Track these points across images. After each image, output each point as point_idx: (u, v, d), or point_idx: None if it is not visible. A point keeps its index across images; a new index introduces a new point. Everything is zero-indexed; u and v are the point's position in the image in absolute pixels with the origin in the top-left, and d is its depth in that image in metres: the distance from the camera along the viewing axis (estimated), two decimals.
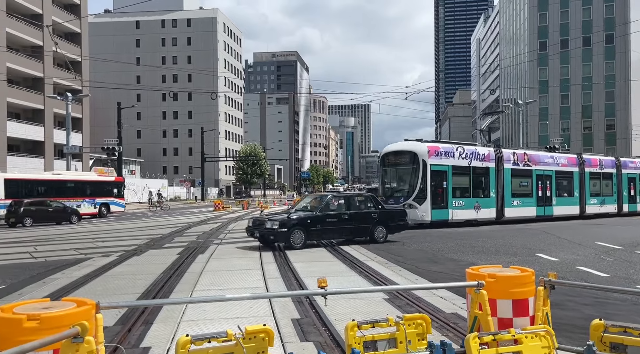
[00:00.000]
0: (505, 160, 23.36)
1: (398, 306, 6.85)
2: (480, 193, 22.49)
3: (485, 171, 22.57)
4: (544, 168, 25.11)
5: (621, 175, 28.88)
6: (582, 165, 26.93)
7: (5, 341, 2.85)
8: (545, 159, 25.48)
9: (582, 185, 26.68)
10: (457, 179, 21.57)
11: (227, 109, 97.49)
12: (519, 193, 23.92)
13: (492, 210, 22.66)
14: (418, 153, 20.69)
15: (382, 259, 11.73)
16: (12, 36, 43.24)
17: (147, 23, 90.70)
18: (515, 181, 23.83)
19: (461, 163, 21.60)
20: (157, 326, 6.00)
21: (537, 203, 24.58)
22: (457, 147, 21.96)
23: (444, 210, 20.93)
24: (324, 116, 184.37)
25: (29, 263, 11.66)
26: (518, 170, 23.95)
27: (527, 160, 24.37)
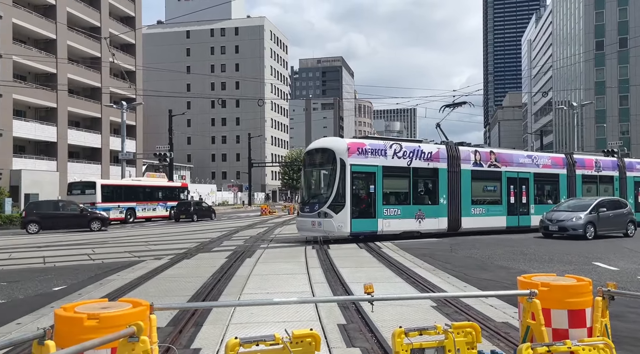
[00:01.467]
0: (463, 159, 19.69)
1: (446, 314, 6.72)
2: (426, 200, 18.78)
3: (432, 173, 18.82)
4: (518, 169, 21.41)
5: (625, 179, 25.00)
6: (572, 166, 23.33)
7: (68, 338, 3.00)
8: (521, 159, 21.81)
9: (572, 190, 23.09)
10: (390, 182, 18.00)
11: (274, 115, 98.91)
12: (482, 200, 20.35)
13: (443, 219, 18.87)
14: (335, 151, 16.93)
15: (429, 265, 11.54)
16: (73, 48, 45.65)
17: (197, 32, 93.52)
18: (478, 185, 20.22)
19: (397, 163, 17.83)
20: (206, 328, 6.15)
21: (507, 212, 20.81)
22: (392, 143, 18.17)
23: (370, 219, 17.09)
24: (369, 121, 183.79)
25: (87, 265, 12.22)
26: (481, 172, 20.18)
27: (494, 160, 20.62)
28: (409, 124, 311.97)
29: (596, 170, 24.17)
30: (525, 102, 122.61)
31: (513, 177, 21.20)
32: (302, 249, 14.82)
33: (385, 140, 18.42)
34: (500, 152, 21.56)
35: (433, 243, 17.06)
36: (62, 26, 43.33)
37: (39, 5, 42.72)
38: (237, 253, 13.98)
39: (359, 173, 17.09)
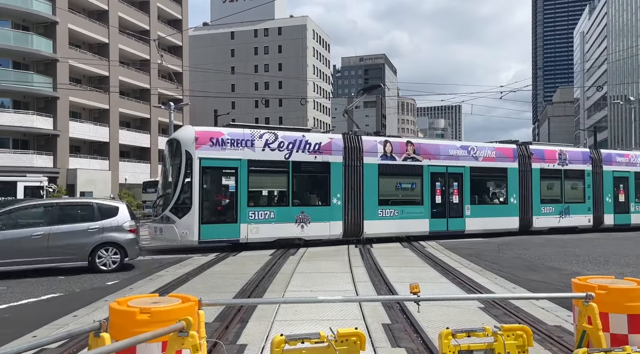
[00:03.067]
0: (368, 151, 16.45)
1: (494, 315, 6.54)
2: (313, 200, 15.92)
3: (322, 168, 15.76)
4: (447, 163, 17.90)
5: (601, 174, 21.24)
6: (526, 158, 19.51)
7: (121, 331, 3.11)
8: (451, 151, 18.17)
9: (526, 188, 19.33)
10: (260, 179, 15.36)
11: (316, 114, 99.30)
12: (395, 200, 17.18)
13: (336, 223, 15.77)
14: (181, 142, 14.35)
15: (475, 266, 11.28)
16: (124, 52, 47.36)
17: (241, 33, 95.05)
18: (388, 182, 17.09)
19: (269, 156, 14.95)
20: (252, 324, 6.24)
21: (431, 214, 17.44)
22: (264, 132, 15.06)
23: (229, 225, 14.31)
24: (412, 118, 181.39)
25: (138, 261, 12.64)
26: (393, 166, 16.89)
27: (412, 152, 17.26)
28: (454, 121, 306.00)
29: (560, 163, 20.22)
30: (578, 97, 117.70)
31: (440, 172, 17.80)
32: (344, 247, 14.80)
33: (254, 128, 15.34)
34: (422, 143, 18.13)
35: (479, 243, 16.65)
36: (114, 30, 45.05)
37: (92, 10, 44.56)
38: (281, 251, 14.11)
39: (212, 168, 14.39)
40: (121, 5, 46.83)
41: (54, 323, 6.46)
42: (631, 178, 21.99)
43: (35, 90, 37.42)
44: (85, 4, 42.88)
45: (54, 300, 8.17)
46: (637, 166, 22.16)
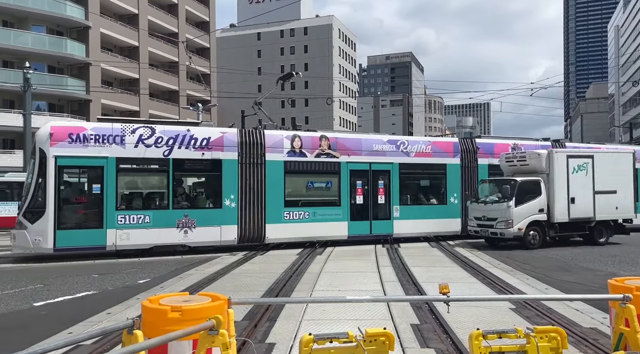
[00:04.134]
0: (271, 147, 14.80)
1: (526, 317, 6.41)
2: (201, 202, 14.52)
3: (211, 166, 14.20)
4: (370, 159, 16.00)
5: None
6: (471, 154, 17.40)
7: (153, 329, 3.17)
8: (376, 146, 16.18)
9: (472, 185, 17.36)
10: (133, 180, 14.25)
11: (342, 113, 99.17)
12: (307, 201, 15.42)
13: (230, 228, 14.17)
14: (36, 140, 13.07)
15: (506, 266, 11.07)
16: (153, 54, 48.28)
17: (268, 34, 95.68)
18: (296, 181, 15.53)
19: (144, 153, 13.39)
20: (280, 323, 6.27)
21: (350, 216, 15.59)
22: (138, 127, 13.50)
23: (94, 230, 12.89)
24: (439, 117, 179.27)
25: (168, 260, 12.88)
26: (302, 163, 15.20)
27: (326, 148, 15.46)
28: (483, 119, 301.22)
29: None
30: (612, 93, 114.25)
31: (361, 169, 15.89)
32: (371, 247, 14.74)
33: (127, 122, 13.83)
34: (340, 137, 16.08)
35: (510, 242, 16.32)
36: (144, 33, 45.97)
37: (123, 14, 45.57)
38: (308, 250, 14.14)
39: (72, 167, 13.11)
40: (151, 8, 47.75)
41: (89, 320, 6.63)
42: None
43: (69, 93, 38.50)
44: (116, 8, 43.89)
45: (88, 298, 8.39)
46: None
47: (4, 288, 9.11)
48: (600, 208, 15.44)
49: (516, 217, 14.47)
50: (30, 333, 6.12)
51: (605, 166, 15.71)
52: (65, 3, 37.93)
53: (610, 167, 15.78)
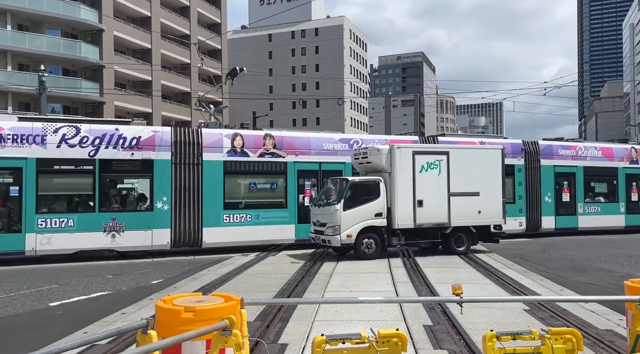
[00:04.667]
0: (209, 146, 14.09)
1: (541, 318, 6.35)
2: (130, 205, 13.87)
3: (141, 167, 13.52)
4: (321, 159, 15.15)
5: (538, 169, 18.01)
6: None
7: (167, 329, 3.19)
8: (327, 145, 15.28)
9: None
10: (55, 182, 13.52)
11: (353, 114, 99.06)
12: (250, 203, 14.66)
13: (161, 232, 13.50)
14: None
15: (519, 267, 10.98)
16: (166, 56, 48.66)
17: (279, 35, 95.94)
18: (237, 182, 14.84)
19: (66, 154, 12.84)
20: (292, 324, 6.29)
21: (298, 219, 14.79)
22: (61, 126, 12.94)
23: (11, 235, 12.39)
24: (451, 117, 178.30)
25: (181, 260, 12.97)
26: (244, 163, 14.46)
27: (271, 147, 14.72)
28: (495, 119, 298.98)
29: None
30: (628, 92, 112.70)
31: (310, 169, 15.09)
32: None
33: (50, 121, 13.28)
34: (287, 136, 15.17)
35: (524, 243, 16.18)
36: (156, 36, 46.36)
37: (136, 17, 45.99)
38: (320, 251, 14.14)
39: None
40: (163, 11, 48.16)
41: (103, 319, 6.70)
42: (579, 175, 18.76)
43: (83, 96, 38.94)
44: (129, 11, 44.31)
45: (102, 298, 8.48)
46: (586, 159, 19.03)
47: (21, 288, 9.24)
48: (457, 212, 13.11)
49: (345, 222, 12.35)
50: (47, 333, 6.21)
51: (464, 164, 13.38)
52: (79, 6, 38.40)
53: (472, 165, 13.46)
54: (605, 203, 19.24)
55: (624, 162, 19.65)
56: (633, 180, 19.70)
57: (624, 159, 19.72)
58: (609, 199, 19.40)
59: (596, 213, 18.96)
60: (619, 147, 20.27)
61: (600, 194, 19.51)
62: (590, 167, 19.01)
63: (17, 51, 35.18)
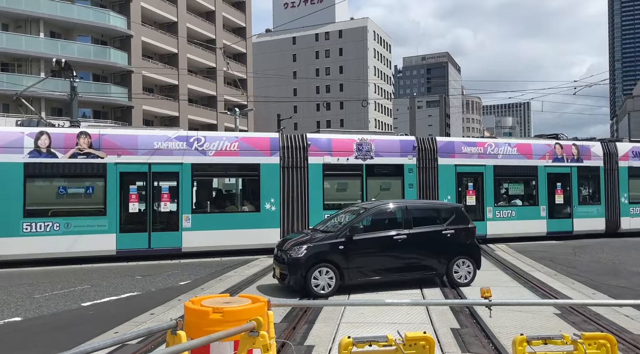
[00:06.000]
0: (5, 147, 12.52)
1: (572, 322, 6.20)
2: None
3: None
4: (151, 160, 13.45)
5: (436, 169, 15.81)
6: (294, 150, 14.51)
7: (196, 329, 3.24)
8: (159, 143, 13.56)
9: (296, 190, 14.45)
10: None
11: (377, 115, 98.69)
12: (59, 210, 12.91)
13: None
14: None
15: (549, 270, 10.74)
16: (192, 61, 49.42)
17: (303, 38, 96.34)
18: (42, 186, 13.22)
19: None
20: (318, 326, 6.29)
21: (119, 228, 13.09)
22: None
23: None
24: (477, 117, 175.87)
25: (208, 262, 13.11)
26: (51, 165, 12.82)
27: (87, 147, 13.03)
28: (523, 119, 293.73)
29: (360, 156, 15.09)
30: None
31: (137, 171, 13.39)
32: None
33: None
34: (108, 134, 13.40)
35: (554, 245, 15.83)
36: (183, 41, 47.13)
37: (163, 23, 46.86)
38: None
39: None
40: (189, 16, 48.93)
41: (133, 320, 6.84)
42: (487, 175, 16.42)
43: (113, 100, 39.86)
44: (157, 17, 45.18)
45: (132, 298, 8.65)
46: (497, 157, 16.53)
47: (54, 289, 9.51)
48: None
49: None
50: (80, 332, 6.37)
51: None
52: (108, 13, 39.36)
53: None
54: (522, 207, 16.68)
55: (545, 160, 16.93)
56: (557, 180, 17.07)
57: (546, 157, 16.98)
58: (528, 202, 16.90)
59: (510, 218, 16.29)
60: (540, 143, 17.50)
61: (517, 197, 16.93)
62: (502, 166, 16.46)
63: (50, 58, 36.20)
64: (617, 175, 17.87)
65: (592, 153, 17.68)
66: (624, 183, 17.91)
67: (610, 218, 17.61)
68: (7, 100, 35.45)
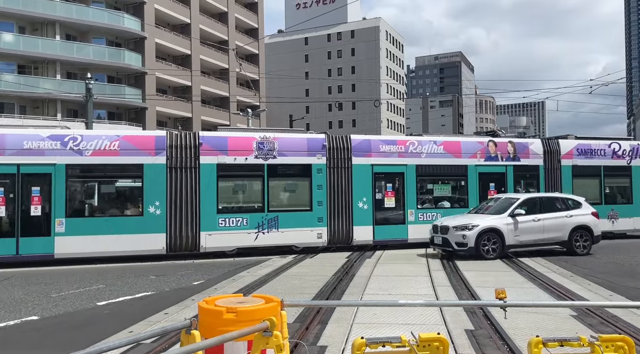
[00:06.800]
0: None
1: (589, 324, 6.12)
2: None
3: None
4: (19, 161, 12.54)
5: (349, 169, 14.83)
6: (183, 150, 13.57)
7: (210, 329, 3.26)
8: (29, 143, 12.63)
9: (186, 192, 13.49)
10: None
11: (390, 115, 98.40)
12: None
13: None
14: None
15: (565, 271, 10.61)
16: (205, 62, 49.75)
17: (315, 39, 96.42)
18: None
19: None
20: (331, 326, 6.29)
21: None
22: None
23: None
24: (491, 117, 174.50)
25: (221, 262, 13.18)
26: None
27: None
28: (537, 119, 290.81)
29: (262, 156, 14.06)
30: None
31: (4, 173, 12.44)
32: (422, 251, 14.50)
33: None
34: None
35: None
36: (195, 42, 47.47)
37: (176, 24, 47.25)
38: (357, 254, 14.09)
39: None
40: (202, 17, 49.24)
41: (148, 319, 6.89)
42: (409, 175, 15.33)
43: (127, 102, 40.28)
44: (170, 18, 45.55)
45: (146, 298, 8.72)
46: (421, 156, 15.47)
47: (70, 288, 9.63)
48: None
49: None
50: (95, 331, 6.45)
51: None
52: (123, 16, 39.78)
53: None
54: (449, 209, 15.54)
55: (477, 159, 15.88)
56: (490, 180, 16.07)
57: (477, 155, 15.91)
58: (457, 204, 15.83)
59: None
60: (470, 140, 16.54)
61: (445, 198, 15.94)
62: (426, 166, 15.43)
63: (66, 60, 36.75)
64: (559, 174, 16.78)
65: (530, 151, 16.63)
66: (567, 183, 16.82)
67: None
68: (25, 102, 36.11)
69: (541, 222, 13.13)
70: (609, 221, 17.01)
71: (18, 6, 34.63)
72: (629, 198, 17.67)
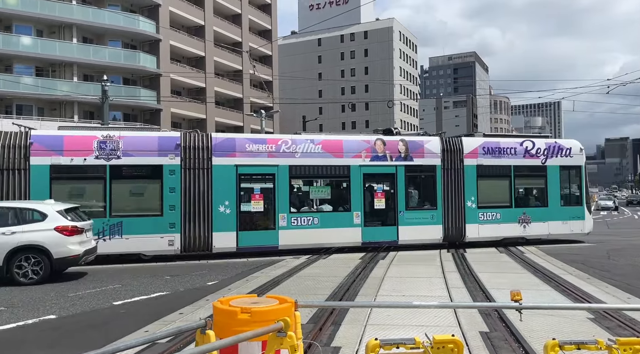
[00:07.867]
0: None
1: (607, 327, 6.04)
2: None
3: None
4: None
5: (209, 169, 13.73)
6: (16, 150, 12.43)
7: (224, 329, 3.28)
8: None
9: None
10: None
11: (403, 116, 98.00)
12: None
13: None
14: None
15: (582, 273, 10.48)
16: (219, 64, 50.06)
17: (328, 40, 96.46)
18: None
19: None
20: (345, 327, 6.28)
21: None
22: None
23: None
24: (506, 117, 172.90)
25: (235, 263, 13.25)
26: None
27: None
28: (553, 119, 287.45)
29: (105, 156, 12.99)
30: None
31: None
32: (436, 252, 14.43)
33: None
34: None
35: (584, 248, 15.43)
36: (209, 44, 47.79)
37: (190, 26, 47.63)
38: (371, 255, 14.05)
39: None
40: (216, 19, 49.56)
41: (163, 319, 6.96)
42: (281, 176, 14.21)
43: (142, 103, 40.68)
44: (184, 20, 45.92)
45: (161, 298, 8.81)
46: (295, 156, 14.40)
47: (87, 288, 9.76)
48: None
49: None
50: (111, 330, 6.53)
51: None
52: (138, 18, 40.19)
53: None
54: (329, 213, 14.59)
55: (361, 159, 14.74)
56: (377, 182, 15.05)
57: (362, 155, 14.77)
58: (339, 208, 14.79)
59: (312, 226, 14.27)
60: (355, 139, 15.26)
61: (325, 201, 14.84)
62: (301, 166, 14.42)
63: (82, 62, 37.24)
64: (462, 175, 15.37)
65: (425, 150, 15.28)
66: (471, 184, 15.41)
67: (451, 225, 15.24)
68: (43, 104, 36.68)
69: None
70: (520, 226, 15.69)
71: (36, 10, 35.18)
72: (543, 201, 16.09)
